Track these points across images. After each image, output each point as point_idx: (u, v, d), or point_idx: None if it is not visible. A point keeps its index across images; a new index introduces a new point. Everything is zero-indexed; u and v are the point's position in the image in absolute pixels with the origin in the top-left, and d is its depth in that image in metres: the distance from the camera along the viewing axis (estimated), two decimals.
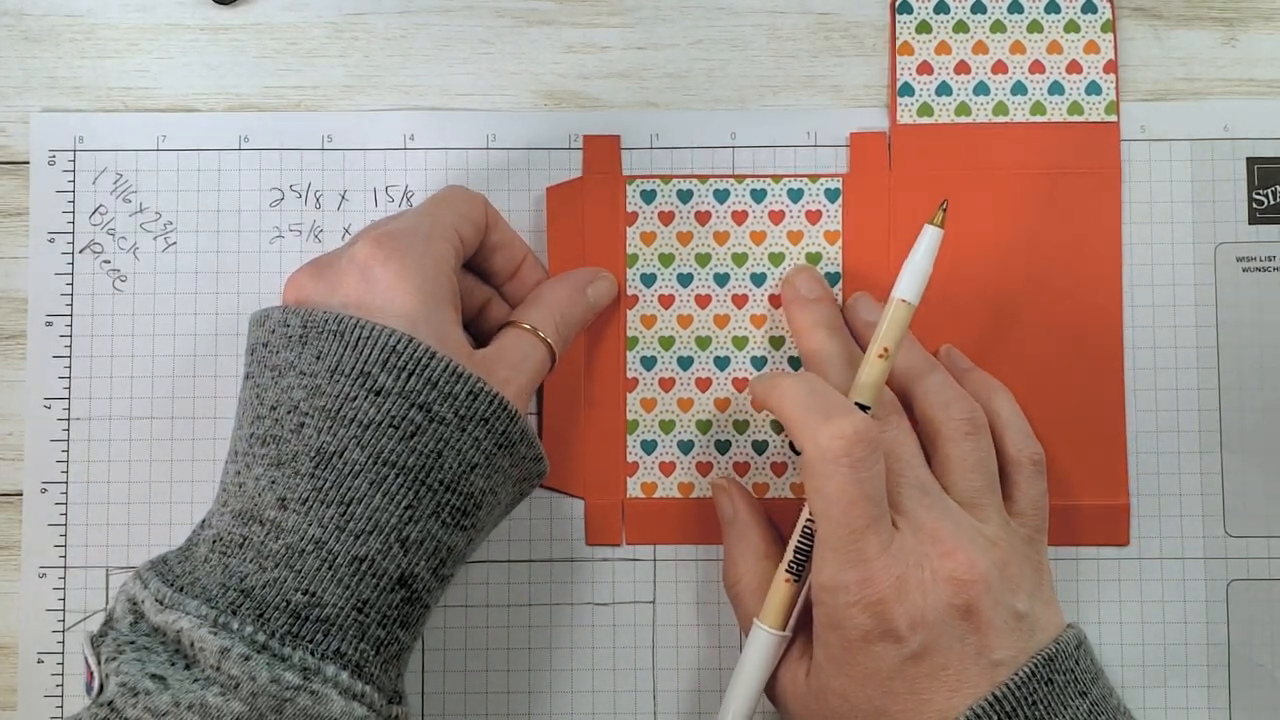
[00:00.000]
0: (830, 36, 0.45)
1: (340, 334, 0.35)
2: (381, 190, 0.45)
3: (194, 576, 0.34)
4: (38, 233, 0.44)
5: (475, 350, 0.37)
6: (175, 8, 0.46)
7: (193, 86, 0.45)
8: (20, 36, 0.45)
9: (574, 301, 0.42)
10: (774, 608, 0.38)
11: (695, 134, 0.45)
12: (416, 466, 0.34)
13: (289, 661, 0.32)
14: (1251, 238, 0.44)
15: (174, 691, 0.31)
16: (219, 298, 0.44)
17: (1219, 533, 0.43)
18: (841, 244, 0.44)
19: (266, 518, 0.34)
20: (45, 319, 0.44)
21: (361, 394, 0.34)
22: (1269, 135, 0.44)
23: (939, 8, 0.45)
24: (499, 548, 0.43)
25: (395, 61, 0.45)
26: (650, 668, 0.43)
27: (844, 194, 0.44)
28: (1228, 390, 0.44)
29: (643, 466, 0.44)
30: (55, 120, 0.45)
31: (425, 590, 0.35)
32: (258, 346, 0.37)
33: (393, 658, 0.35)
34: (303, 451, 0.34)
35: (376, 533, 0.34)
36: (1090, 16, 0.45)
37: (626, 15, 0.45)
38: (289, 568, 0.33)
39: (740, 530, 0.41)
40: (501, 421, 0.36)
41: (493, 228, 0.41)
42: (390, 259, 0.36)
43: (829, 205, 0.44)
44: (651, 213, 0.44)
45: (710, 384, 0.44)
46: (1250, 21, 0.45)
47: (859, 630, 0.35)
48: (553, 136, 0.45)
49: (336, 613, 0.33)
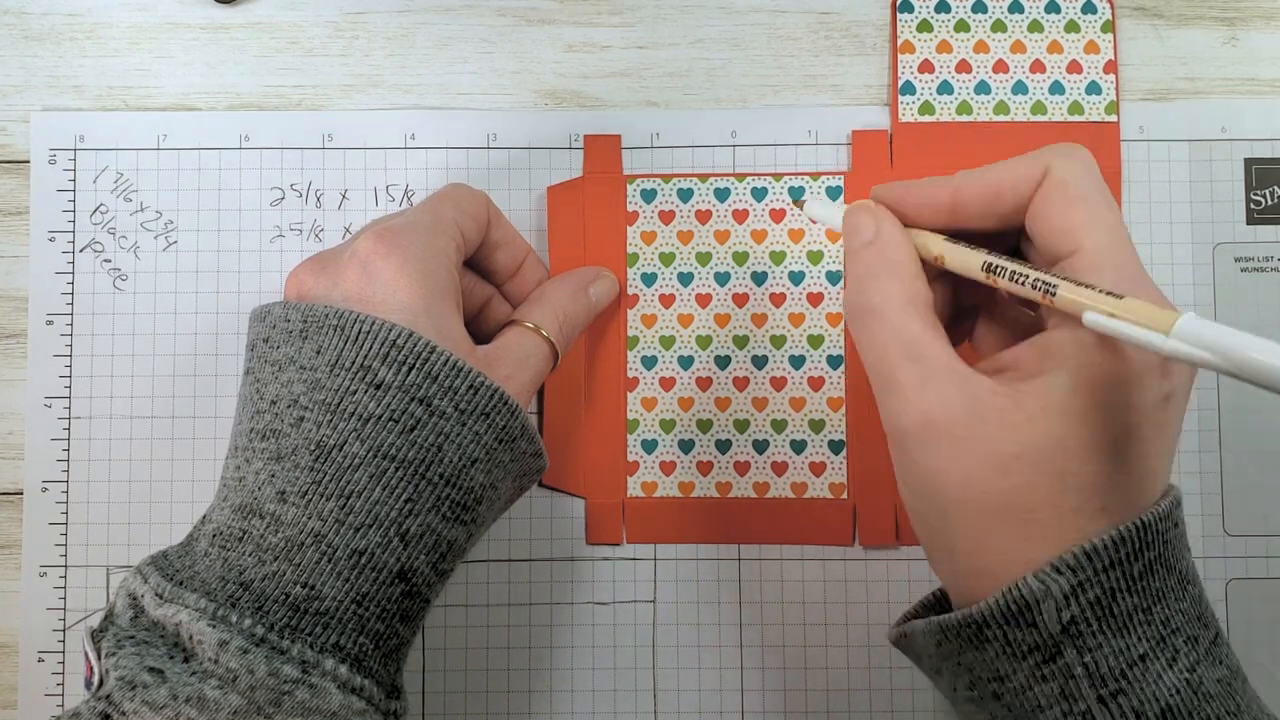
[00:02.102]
0: (831, 36, 0.45)
1: (341, 328, 0.35)
2: (382, 189, 0.45)
3: (193, 570, 0.34)
4: (38, 232, 0.44)
5: (477, 346, 0.37)
6: (176, 7, 0.46)
7: (193, 85, 0.45)
8: (21, 35, 0.45)
9: (576, 301, 0.42)
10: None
11: (696, 133, 0.45)
12: (416, 460, 0.34)
13: (287, 655, 0.32)
14: (1249, 238, 0.44)
15: (172, 685, 0.31)
16: (219, 297, 0.44)
17: (1218, 532, 0.43)
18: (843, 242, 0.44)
19: (266, 511, 0.34)
20: (46, 318, 0.44)
21: (362, 388, 0.34)
22: (1267, 136, 0.44)
23: (940, 7, 0.45)
24: (499, 547, 0.43)
25: (396, 61, 0.45)
26: (650, 667, 0.43)
27: (845, 192, 0.44)
28: (1227, 390, 0.44)
29: (643, 466, 0.44)
30: (56, 119, 0.45)
31: (425, 584, 0.35)
32: (258, 342, 0.37)
33: (392, 652, 0.35)
34: (302, 445, 0.34)
35: (376, 526, 0.34)
36: (1090, 16, 0.45)
37: (627, 14, 0.45)
38: (288, 561, 0.33)
39: (882, 248, 0.34)
40: (502, 416, 0.36)
41: (494, 225, 0.41)
42: (392, 253, 0.36)
43: None
44: (652, 212, 0.44)
45: (711, 383, 0.44)
46: (1251, 21, 0.45)
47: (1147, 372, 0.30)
48: (553, 136, 0.45)
49: (335, 606, 0.33)
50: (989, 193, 0.33)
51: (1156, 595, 0.30)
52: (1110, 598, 0.30)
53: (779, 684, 0.43)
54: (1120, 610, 0.30)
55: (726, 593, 0.43)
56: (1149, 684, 0.30)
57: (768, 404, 0.44)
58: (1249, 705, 0.31)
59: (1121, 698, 0.30)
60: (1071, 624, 0.30)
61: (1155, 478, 0.31)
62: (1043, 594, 0.30)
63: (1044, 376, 0.30)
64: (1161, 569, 0.31)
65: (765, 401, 0.44)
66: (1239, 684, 0.32)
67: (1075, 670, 0.30)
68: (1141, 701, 0.30)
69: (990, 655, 0.32)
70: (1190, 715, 0.30)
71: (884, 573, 0.43)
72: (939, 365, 0.31)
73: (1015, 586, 0.30)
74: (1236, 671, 0.32)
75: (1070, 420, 0.30)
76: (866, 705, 0.43)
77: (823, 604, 0.43)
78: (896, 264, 0.33)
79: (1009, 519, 0.30)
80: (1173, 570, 0.31)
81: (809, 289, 0.44)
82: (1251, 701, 0.32)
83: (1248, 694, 0.32)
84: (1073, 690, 0.30)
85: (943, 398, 0.31)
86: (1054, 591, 0.30)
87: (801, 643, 0.43)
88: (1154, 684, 0.30)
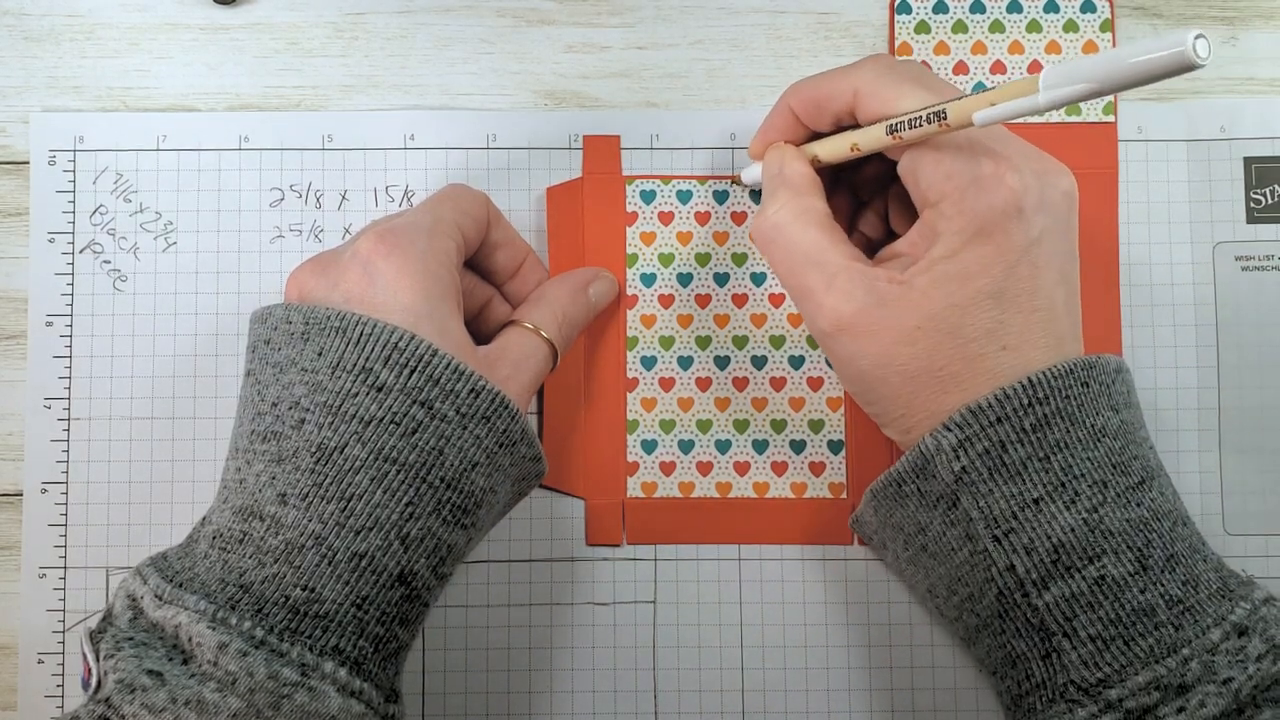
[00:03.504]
0: (830, 36, 0.45)
1: (342, 330, 0.35)
2: (382, 190, 0.45)
3: (193, 572, 0.34)
4: (38, 233, 0.44)
5: (478, 348, 0.37)
6: (175, 7, 0.46)
7: (193, 86, 0.45)
8: (20, 36, 0.45)
9: (576, 301, 0.42)
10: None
11: (695, 134, 0.45)
12: (417, 463, 0.34)
13: (287, 657, 0.32)
14: (1250, 237, 0.44)
15: (171, 688, 0.31)
16: (219, 298, 0.44)
17: (1218, 532, 0.43)
18: None
19: (266, 513, 0.34)
20: (45, 319, 0.44)
21: (363, 390, 0.34)
22: (1266, 135, 0.44)
23: (938, 8, 0.45)
24: (500, 547, 0.43)
25: (395, 61, 0.45)
26: (651, 668, 0.43)
27: None
28: (1227, 390, 0.44)
29: (643, 466, 0.44)
30: (55, 120, 0.45)
31: (424, 588, 0.35)
32: (259, 344, 0.37)
33: (391, 655, 0.35)
34: (303, 447, 0.34)
35: (377, 529, 0.34)
36: (1089, 16, 0.45)
37: (627, 15, 0.45)
38: (288, 563, 0.33)
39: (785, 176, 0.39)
40: (503, 420, 0.36)
41: (494, 226, 0.41)
42: (392, 254, 0.36)
43: None
44: (651, 213, 0.44)
45: (710, 383, 0.44)
46: (1250, 21, 0.45)
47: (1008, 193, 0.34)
48: (553, 136, 0.45)
49: (335, 609, 0.33)
50: (813, 105, 0.38)
51: (1056, 446, 0.34)
52: (1000, 449, 0.34)
53: (779, 684, 0.43)
54: (1012, 459, 0.34)
55: (726, 593, 0.43)
56: (1042, 524, 0.34)
57: (767, 404, 0.44)
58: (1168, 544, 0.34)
59: (1013, 535, 0.34)
60: (964, 473, 0.34)
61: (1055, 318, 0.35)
62: (935, 449, 0.35)
63: (925, 256, 0.35)
64: (1063, 422, 0.34)
65: (765, 402, 0.44)
66: (1161, 524, 0.34)
67: (972, 514, 0.35)
68: (1032, 539, 0.34)
69: (911, 509, 0.37)
70: (1084, 550, 0.33)
71: (883, 573, 0.43)
72: (839, 266, 0.36)
73: (917, 445, 0.35)
74: (1163, 514, 0.34)
75: (952, 282, 0.34)
76: (866, 705, 0.43)
77: (823, 604, 0.43)
78: (794, 186, 0.38)
79: (926, 380, 0.35)
80: (1079, 424, 0.34)
81: None
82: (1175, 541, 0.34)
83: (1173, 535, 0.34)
84: (973, 532, 0.35)
85: (847, 294, 0.35)
86: (944, 446, 0.34)
87: (801, 643, 0.43)
88: (1047, 524, 0.34)
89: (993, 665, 0.37)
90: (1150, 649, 0.33)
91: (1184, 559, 0.34)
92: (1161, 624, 0.33)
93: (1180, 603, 0.33)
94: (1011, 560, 0.34)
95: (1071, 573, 0.33)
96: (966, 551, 0.35)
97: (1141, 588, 0.33)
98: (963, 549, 0.35)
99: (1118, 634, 0.33)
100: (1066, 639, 0.34)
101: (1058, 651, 0.34)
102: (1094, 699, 0.33)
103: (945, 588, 0.37)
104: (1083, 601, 0.33)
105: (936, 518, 0.36)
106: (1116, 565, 0.33)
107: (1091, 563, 0.33)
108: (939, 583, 0.37)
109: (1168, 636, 0.33)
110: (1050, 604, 0.34)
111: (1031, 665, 0.35)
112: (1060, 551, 0.33)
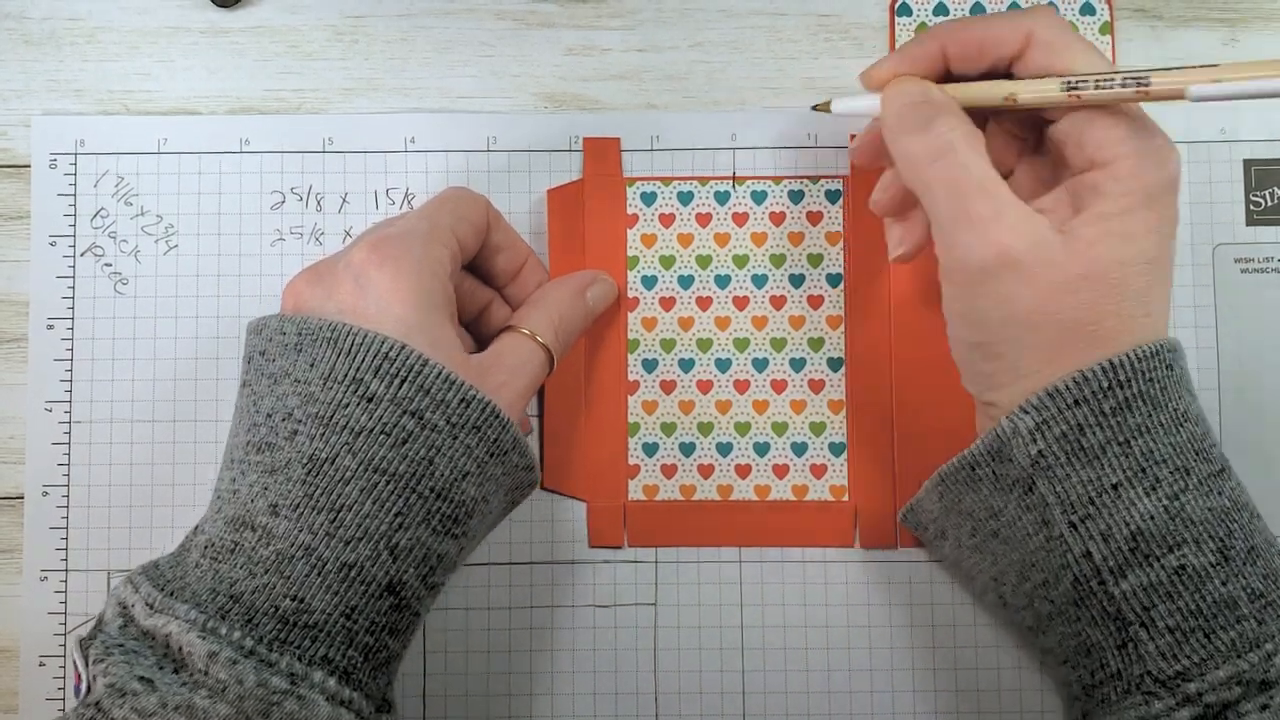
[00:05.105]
0: (830, 38, 0.45)
1: (333, 341, 0.35)
2: (382, 193, 0.45)
3: (184, 581, 0.34)
4: (39, 236, 0.44)
5: (471, 355, 0.37)
6: (176, 11, 0.46)
7: (193, 89, 0.45)
8: (21, 40, 0.45)
9: (573, 305, 0.41)
10: None
11: (696, 135, 0.45)
12: (407, 474, 0.34)
13: (276, 667, 0.32)
14: (1250, 239, 0.44)
15: (161, 694, 0.31)
16: (220, 300, 0.44)
17: None
18: (843, 245, 0.44)
19: (258, 524, 0.34)
20: (46, 322, 0.44)
21: (354, 401, 0.34)
22: (1266, 137, 0.44)
23: (938, 10, 0.45)
24: (500, 550, 0.43)
25: (396, 64, 0.45)
26: (652, 670, 0.43)
27: (845, 195, 0.44)
28: (1227, 390, 0.44)
29: (644, 469, 0.44)
30: (56, 123, 0.45)
31: (414, 598, 0.35)
32: (255, 355, 0.37)
33: (381, 665, 0.35)
34: (295, 458, 0.34)
35: (366, 539, 0.34)
36: (1089, 18, 0.45)
37: (627, 17, 0.46)
38: (278, 574, 0.33)
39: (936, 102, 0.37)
40: (494, 429, 0.36)
41: (494, 229, 0.41)
42: (385, 264, 0.36)
43: (830, 206, 0.44)
44: (652, 215, 0.45)
45: (711, 386, 0.44)
46: (1250, 21, 0.45)
47: None
48: (553, 138, 0.45)
49: (325, 619, 0.33)
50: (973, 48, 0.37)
51: (1137, 430, 0.33)
52: (1078, 432, 0.33)
53: (781, 686, 0.43)
54: (1090, 444, 0.33)
55: (728, 595, 0.43)
56: (1120, 510, 0.33)
57: (768, 406, 0.44)
58: (1248, 535, 0.33)
59: (1090, 522, 0.33)
60: (1040, 457, 0.34)
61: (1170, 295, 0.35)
62: (1012, 431, 0.34)
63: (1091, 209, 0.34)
64: (1145, 405, 0.33)
65: (766, 404, 0.44)
66: (1242, 515, 0.34)
67: (1049, 499, 0.34)
68: (1110, 525, 0.33)
69: (985, 494, 0.36)
70: (1164, 538, 0.33)
71: (885, 575, 0.43)
72: (1008, 200, 0.34)
73: (993, 428, 0.35)
74: (1242, 505, 0.34)
75: (1118, 239, 0.34)
76: (868, 707, 0.43)
77: (824, 606, 0.43)
78: (958, 112, 0.36)
79: (1078, 334, 0.34)
80: (1161, 408, 0.34)
81: (809, 292, 0.44)
82: (1254, 534, 0.34)
83: (1252, 527, 0.34)
84: (1048, 517, 0.34)
85: (1015, 230, 0.34)
86: (1020, 429, 0.34)
87: (803, 645, 0.43)
88: (1126, 510, 0.33)
89: (1064, 654, 0.36)
90: (1232, 643, 0.32)
91: (1264, 552, 0.34)
92: (1244, 617, 0.32)
93: (1262, 596, 0.33)
94: (1088, 546, 0.33)
95: (1150, 561, 0.33)
96: (1041, 537, 0.35)
97: (1223, 579, 0.33)
98: (1037, 534, 0.35)
99: (1198, 626, 0.32)
100: (1144, 629, 0.33)
101: (1134, 641, 0.33)
102: (1172, 692, 0.32)
103: (1016, 574, 0.37)
104: (1161, 591, 0.33)
105: (1011, 502, 0.35)
106: (1198, 555, 0.33)
107: (1171, 551, 0.33)
108: (1009, 569, 0.37)
109: (1250, 630, 0.32)
110: (1128, 593, 0.33)
111: (1106, 655, 0.34)
112: (1139, 539, 0.33)
